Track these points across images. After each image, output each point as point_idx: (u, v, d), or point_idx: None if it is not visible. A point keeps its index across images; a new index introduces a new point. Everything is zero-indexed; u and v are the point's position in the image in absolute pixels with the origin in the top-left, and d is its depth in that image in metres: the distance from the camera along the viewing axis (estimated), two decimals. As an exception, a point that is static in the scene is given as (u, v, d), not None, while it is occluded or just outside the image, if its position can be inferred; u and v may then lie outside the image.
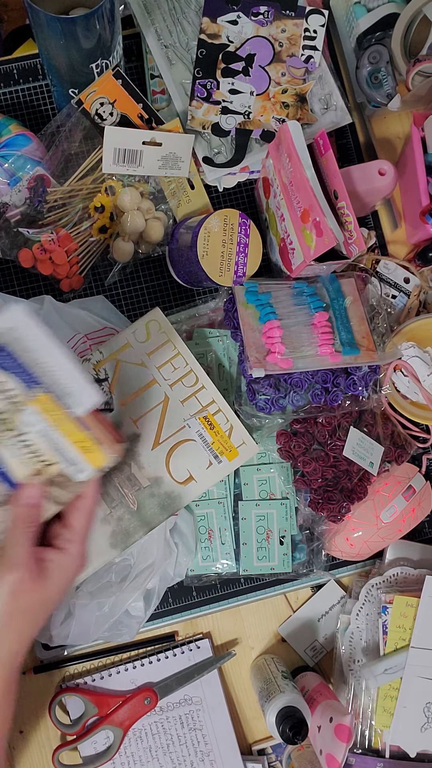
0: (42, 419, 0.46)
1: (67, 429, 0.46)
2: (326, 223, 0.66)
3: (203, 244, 0.71)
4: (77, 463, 0.47)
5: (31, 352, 0.45)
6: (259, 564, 0.76)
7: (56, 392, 0.45)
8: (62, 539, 0.48)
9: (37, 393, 0.45)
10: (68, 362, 0.45)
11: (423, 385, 0.77)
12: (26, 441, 0.47)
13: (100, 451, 0.46)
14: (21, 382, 0.45)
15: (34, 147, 0.76)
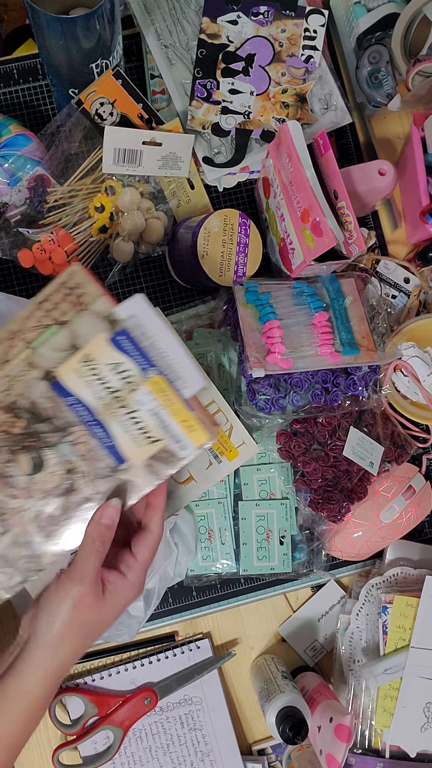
0: (153, 399, 0.50)
1: (174, 409, 0.50)
2: (326, 223, 0.66)
3: (203, 244, 0.71)
4: (181, 441, 0.51)
5: (149, 338, 0.49)
6: (259, 564, 0.76)
7: (168, 375, 0.50)
8: (125, 565, 0.51)
9: (151, 375, 0.50)
10: (180, 348, 0.49)
11: (423, 385, 0.77)
12: (137, 418, 0.51)
13: (202, 430, 0.50)
14: (137, 365, 0.50)
15: (34, 147, 0.76)
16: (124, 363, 0.50)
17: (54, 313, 0.53)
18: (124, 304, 0.49)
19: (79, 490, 0.52)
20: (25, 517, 0.53)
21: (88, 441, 0.52)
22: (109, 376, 0.50)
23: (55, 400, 0.51)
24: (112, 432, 0.51)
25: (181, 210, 0.82)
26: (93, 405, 0.51)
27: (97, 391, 0.51)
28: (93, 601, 0.48)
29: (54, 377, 0.51)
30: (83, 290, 0.52)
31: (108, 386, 0.51)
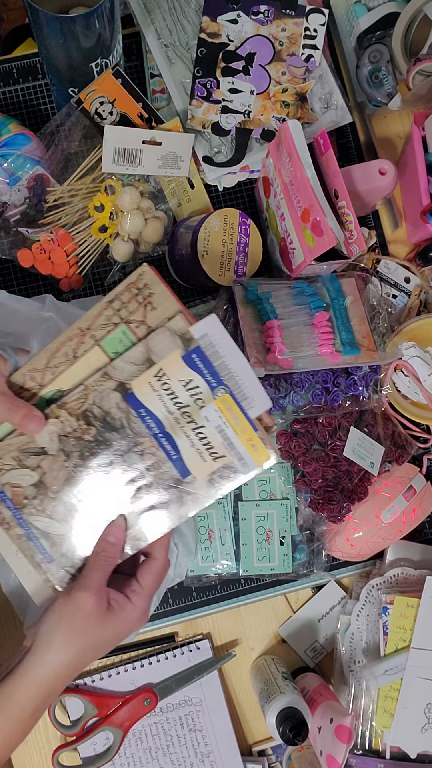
0: (220, 416, 0.52)
1: (240, 427, 0.52)
2: (326, 222, 0.66)
3: (203, 243, 0.71)
4: (244, 459, 0.52)
5: (220, 357, 0.51)
6: (259, 564, 0.76)
7: (236, 394, 0.51)
8: (130, 590, 0.52)
9: (220, 393, 0.52)
10: (249, 369, 0.51)
11: (423, 385, 0.77)
12: (203, 434, 0.52)
13: (265, 450, 0.52)
14: (206, 383, 0.52)
15: (33, 146, 0.76)
16: (194, 380, 0.52)
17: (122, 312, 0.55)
18: (199, 323, 0.51)
19: (143, 499, 0.54)
20: (89, 521, 0.54)
21: (155, 452, 0.53)
22: (180, 391, 0.52)
23: (127, 411, 0.53)
24: (179, 446, 0.53)
25: (181, 209, 0.82)
26: (163, 418, 0.53)
27: (168, 406, 0.53)
28: (95, 611, 0.48)
29: (128, 389, 0.53)
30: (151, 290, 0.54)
31: (178, 401, 0.52)
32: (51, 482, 0.55)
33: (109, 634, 0.50)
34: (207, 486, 0.53)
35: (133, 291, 0.55)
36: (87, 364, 0.57)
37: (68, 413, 0.54)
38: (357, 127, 0.86)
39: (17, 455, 0.55)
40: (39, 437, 0.55)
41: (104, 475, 0.54)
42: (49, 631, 0.48)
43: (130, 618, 0.51)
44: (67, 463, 0.55)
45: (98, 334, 0.56)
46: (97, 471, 0.54)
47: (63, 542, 0.55)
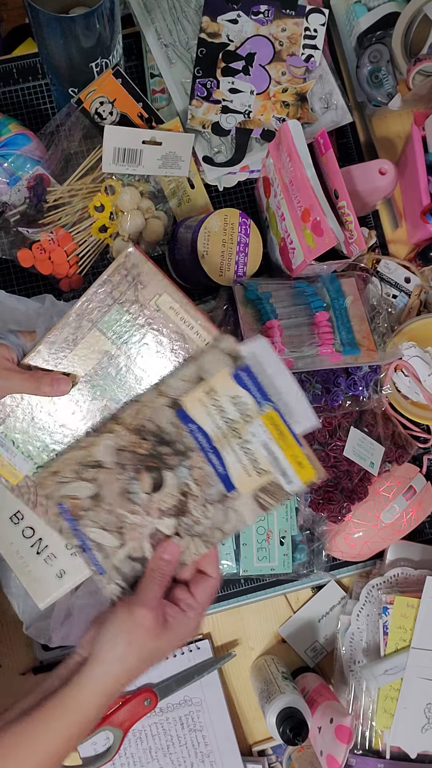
0: (266, 432, 0.53)
1: (285, 443, 0.53)
2: (327, 222, 0.66)
3: (203, 243, 0.71)
4: (288, 475, 0.53)
5: (267, 375, 0.53)
6: (259, 564, 0.76)
7: (282, 410, 0.53)
8: (185, 604, 0.53)
9: (266, 409, 0.53)
10: (295, 387, 0.53)
11: (424, 385, 0.77)
12: (249, 449, 0.54)
13: (310, 467, 0.53)
14: (254, 399, 0.53)
15: (33, 146, 0.76)
16: (242, 396, 0.54)
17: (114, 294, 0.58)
18: (248, 343, 0.53)
19: (190, 513, 0.55)
20: (141, 533, 0.56)
21: (203, 467, 0.55)
22: (228, 407, 0.54)
23: (178, 426, 0.55)
24: (226, 460, 0.54)
25: (181, 209, 0.82)
26: (211, 433, 0.54)
27: (216, 421, 0.54)
28: (154, 626, 0.50)
29: (180, 405, 0.55)
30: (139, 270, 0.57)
31: (226, 417, 0.54)
32: (106, 494, 0.57)
33: (164, 645, 0.52)
34: (251, 502, 0.54)
35: (122, 272, 0.57)
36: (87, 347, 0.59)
37: (124, 428, 0.56)
38: (357, 127, 0.86)
39: (77, 468, 0.57)
40: (96, 451, 0.57)
41: (156, 488, 0.56)
42: (110, 643, 0.50)
43: (184, 631, 0.53)
44: (121, 476, 0.56)
45: (94, 316, 0.58)
46: (149, 483, 0.56)
47: (116, 555, 0.56)
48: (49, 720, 0.49)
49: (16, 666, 0.79)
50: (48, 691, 0.50)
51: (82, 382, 0.62)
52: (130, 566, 0.56)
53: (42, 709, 0.49)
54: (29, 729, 0.48)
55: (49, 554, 0.66)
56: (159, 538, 0.55)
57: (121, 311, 0.58)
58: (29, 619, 0.70)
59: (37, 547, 0.66)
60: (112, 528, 0.56)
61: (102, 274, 0.58)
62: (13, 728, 0.49)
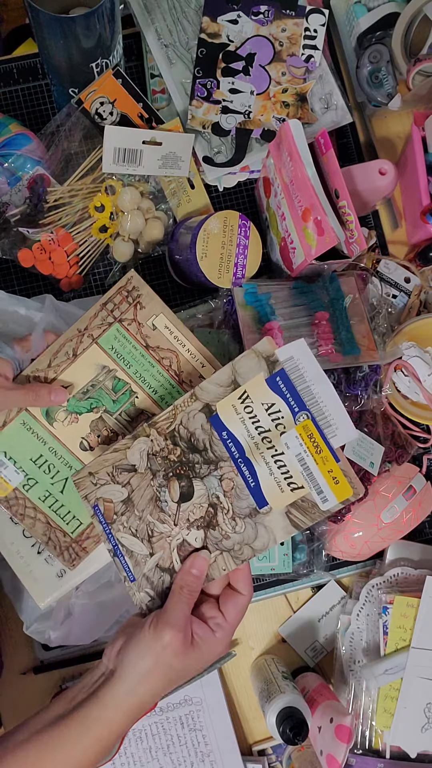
0: (300, 444, 0.50)
1: (321, 457, 0.50)
2: (327, 221, 0.66)
3: (202, 245, 0.71)
4: (324, 492, 0.50)
5: (304, 382, 0.50)
6: (259, 564, 0.76)
7: (318, 421, 0.49)
8: (215, 623, 0.52)
9: (302, 419, 0.50)
10: (335, 397, 0.49)
11: (423, 385, 0.77)
12: (282, 462, 0.51)
13: (347, 484, 0.49)
14: (289, 407, 0.50)
15: (33, 146, 0.76)
16: (277, 404, 0.51)
17: (115, 313, 0.62)
18: (285, 347, 0.50)
19: (219, 526, 0.53)
20: (169, 544, 0.55)
21: (234, 478, 0.53)
22: (261, 415, 0.51)
23: (211, 433, 0.53)
24: (258, 473, 0.52)
25: (181, 209, 0.82)
26: (243, 442, 0.52)
27: (249, 429, 0.52)
28: (181, 647, 0.49)
29: (213, 410, 0.53)
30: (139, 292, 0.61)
31: (259, 425, 0.51)
32: (138, 500, 0.56)
33: (191, 664, 0.51)
34: (283, 519, 0.51)
35: (123, 293, 0.62)
36: (87, 360, 0.63)
37: (157, 432, 0.55)
38: (357, 128, 0.86)
39: (111, 470, 0.57)
40: (130, 454, 0.56)
41: (184, 497, 0.54)
42: (136, 661, 0.49)
43: (213, 650, 0.51)
44: (153, 482, 0.55)
45: (95, 333, 0.63)
46: (178, 492, 0.55)
47: (145, 563, 0.55)
48: (73, 736, 0.48)
49: (16, 666, 0.79)
50: (74, 701, 0.50)
51: (80, 393, 0.63)
52: (159, 576, 0.55)
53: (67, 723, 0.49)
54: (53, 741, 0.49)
55: (50, 554, 0.66)
56: (187, 549, 0.54)
57: (120, 329, 0.62)
58: (29, 619, 0.70)
59: (37, 547, 0.66)
60: (143, 535, 0.55)
61: (105, 294, 0.62)
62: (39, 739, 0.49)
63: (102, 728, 0.49)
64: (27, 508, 0.65)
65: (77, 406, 0.64)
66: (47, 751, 0.48)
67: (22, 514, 0.65)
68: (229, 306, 0.74)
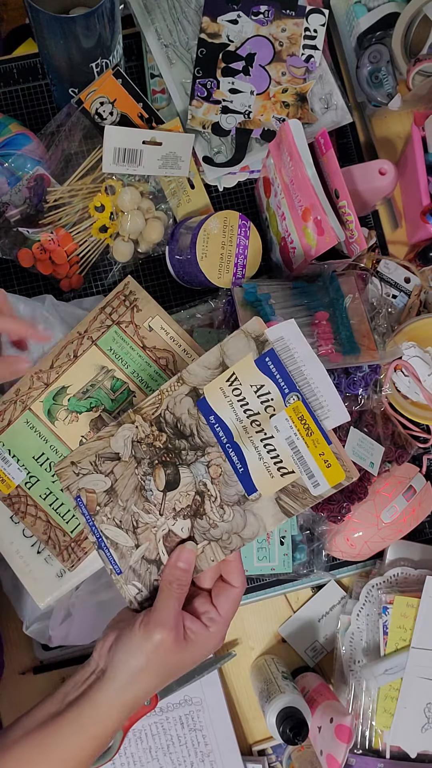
0: (291, 426, 0.48)
1: (312, 440, 0.47)
2: (327, 221, 0.66)
3: (202, 245, 0.71)
4: (315, 476, 0.48)
5: (295, 362, 0.48)
6: (259, 564, 0.76)
7: (310, 402, 0.47)
8: (208, 617, 0.51)
9: (292, 400, 0.48)
10: (326, 377, 0.47)
11: (423, 385, 0.77)
12: (272, 446, 0.49)
13: (339, 467, 0.47)
14: (278, 389, 0.48)
15: (33, 146, 0.76)
16: (266, 385, 0.48)
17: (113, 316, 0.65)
18: (276, 326, 0.48)
19: (206, 515, 0.51)
20: (155, 534, 0.53)
21: (222, 464, 0.51)
22: (250, 397, 0.49)
23: (198, 418, 0.51)
24: (246, 458, 0.50)
25: (181, 209, 0.82)
26: (232, 427, 0.50)
27: (238, 413, 0.50)
28: (173, 645, 0.48)
29: (200, 394, 0.51)
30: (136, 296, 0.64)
31: (248, 408, 0.49)
32: (121, 490, 0.54)
33: (186, 660, 0.50)
34: (273, 506, 0.49)
35: (120, 297, 0.66)
36: (87, 362, 0.65)
37: (143, 418, 0.53)
38: (357, 128, 0.86)
39: (94, 460, 0.55)
40: (114, 442, 0.54)
41: (170, 486, 0.52)
42: (127, 660, 0.49)
43: (206, 645, 0.51)
44: (137, 471, 0.53)
45: (94, 335, 0.65)
46: (163, 480, 0.53)
47: (131, 555, 0.53)
48: (67, 734, 0.48)
49: (16, 666, 0.79)
50: (67, 699, 0.50)
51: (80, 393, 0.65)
52: (145, 568, 0.53)
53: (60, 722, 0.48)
54: (47, 740, 0.48)
55: (50, 554, 0.66)
56: (173, 540, 0.52)
57: (118, 331, 0.64)
58: (29, 619, 0.70)
59: (37, 547, 0.67)
60: (128, 527, 0.54)
61: (104, 299, 0.65)
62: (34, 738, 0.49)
63: (96, 726, 0.49)
64: (28, 506, 0.66)
65: (77, 406, 0.65)
66: (42, 749, 0.48)
67: (23, 512, 0.66)
68: (229, 306, 0.74)
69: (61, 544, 0.65)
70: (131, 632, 0.49)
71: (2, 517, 0.67)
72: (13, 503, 0.66)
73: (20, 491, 0.66)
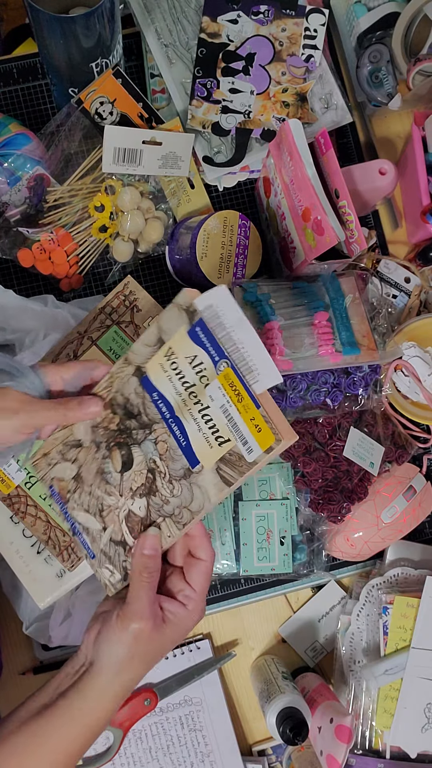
0: (224, 394, 0.47)
1: (243, 406, 0.47)
2: (328, 221, 0.66)
3: (202, 245, 0.71)
4: (248, 442, 0.47)
5: (224, 329, 0.47)
6: (259, 564, 0.76)
7: (239, 368, 0.47)
8: (183, 595, 0.52)
9: (222, 368, 0.47)
10: (257, 341, 0.46)
11: (424, 385, 0.77)
12: (208, 416, 0.48)
13: (268, 431, 0.46)
14: (210, 358, 0.48)
15: (33, 146, 0.76)
16: (198, 356, 0.48)
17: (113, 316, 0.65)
18: (204, 294, 0.47)
19: (159, 491, 0.51)
20: (118, 516, 0.53)
21: (167, 440, 0.51)
22: (186, 370, 0.49)
23: (143, 396, 0.51)
24: (188, 431, 0.49)
25: (181, 209, 0.82)
26: (172, 401, 0.50)
27: (177, 387, 0.49)
28: (152, 633, 0.49)
29: (143, 372, 0.51)
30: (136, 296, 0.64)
31: (185, 381, 0.49)
32: (86, 475, 0.55)
33: (168, 641, 0.51)
34: (214, 476, 0.49)
35: (120, 297, 0.66)
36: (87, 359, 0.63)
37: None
38: (357, 127, 0.86)
39: (61, 449, 0.56)
40: (76, 429, 0.55)
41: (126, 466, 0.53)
42: (110, 652, 0.50)
43: (187, 623, 0.52)
44: (97, 455, 0.54)
45: (94, 335, 0.65)
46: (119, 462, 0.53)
47: (101, 539, 0.54)
48: (59, 725, 0.49)
49: (16, 666, 0.79)
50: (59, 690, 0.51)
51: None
52: (114, 550, 0.54)
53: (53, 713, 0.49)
54: (40, 731, 0.49)
55: (49, 554, 0.66)
56: (134, 520, 0.53)
57: (118, 331, 0.64)
58: (29, 619, 0.70)
59: (37, 547, 0.66)
60: (95, 511, 0.55)
61: (104, 299, 0.65)
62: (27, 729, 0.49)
63: (87, 716, 0.49)
64: (28, 506, 0.66)
65: None
66: (36, 739, 0.49)
67: (23, 512, 0.65)
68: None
69: (61, 544, 0.65)
70: (110, 624, 0.50)
71: (2, 517, 0.67)
72: (13, 503, 0.66)
73: (20, 491, 0.66)
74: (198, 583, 0.52)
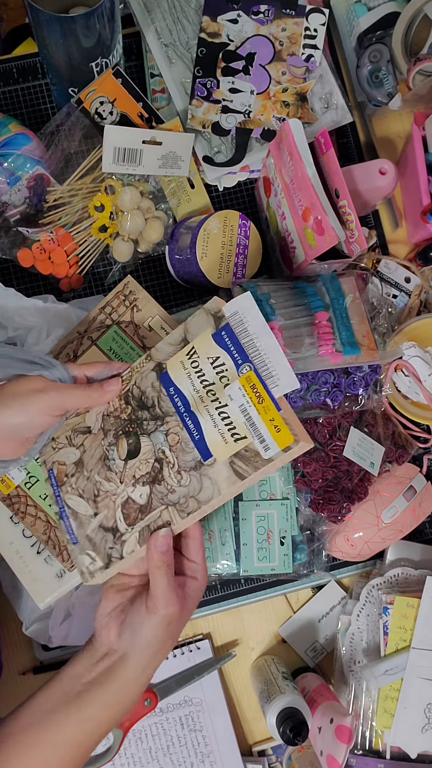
0: (243, 395, 0.51)
1: (262, 407, 0.50)
2: (328, 221, 0.66)
3: (202, 245, 0.71)
4: (266, 441, 0.50)
5: (248, 335, 0.51)
6: (259, 564, 0.76)
7: (261, 372, 0.51)
8: (192, 570, 0.55)
9: (245, 371, 0.51)
10: (277, 348, 0.51)
11: (424, 385, 0.77)
12: (225, 414, 0.51)
13: (288, 432, 0.49)
14: (232, 360, 0.51)
15: (33, 146, 0.75)
16: (221, 357, 0.52)
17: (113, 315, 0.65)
18: (232, 301, 0.51)
19: (165, 480, 0.54)
20: (114, 502, 0.55)
21: (179, 432, 0.53)
22: (206, 369, 0.52)
23: (159, 390, 0.55)
24: (202, 425, 0.52)
25: (181, 209, 0.81)
26: (189, 397, 0.53)
27: (195, 384, 0.53)
28: (181, 612, 0.53)
29: (163, 368, 0.55)
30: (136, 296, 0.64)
31: (204, 379, 0.53)
32: (88, 460, 0.57)
33: (189, 614, 0.55)
34: (226, 469, 0.51)
35: (120, 297, 0.66)
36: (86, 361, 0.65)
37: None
38: (357, 127, 0.86)
39: (69, 434, 0.58)
40: (88, 417, 0.58)
41: (131, 454, 0.55)
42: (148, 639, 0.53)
43: (199, 593, 0.56)
44: (104, 442, 0.56)
45: (94, 335, 0.66)
46: (126, 449, 0.56)
47: (89, 524, 0.56)
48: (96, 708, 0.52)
49: (16, 666, 0.79)
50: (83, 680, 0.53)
51: None
52: (101, 536, 0.55)
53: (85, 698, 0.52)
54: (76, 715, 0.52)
55: (49, 554, 0.66)
56: (132, 507, 0.54)
57: (118, 330, 0.65)
58: (29, 619, 0.70)
59: (37, 547, 0.66)
60: (89, 495, 0.56)
61: (104, 299, 0.65)
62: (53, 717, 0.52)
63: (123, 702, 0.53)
64: (28, 506, 0.66)
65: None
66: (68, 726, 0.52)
67: (23, 512, 0.66)
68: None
69: (61, 544, 0.65)
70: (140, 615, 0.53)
71: (2, 517, 0.67)
72: (13, 503, 0.66)
73: (20, 491, 0.66)
74: (198, 555, 0.56)
